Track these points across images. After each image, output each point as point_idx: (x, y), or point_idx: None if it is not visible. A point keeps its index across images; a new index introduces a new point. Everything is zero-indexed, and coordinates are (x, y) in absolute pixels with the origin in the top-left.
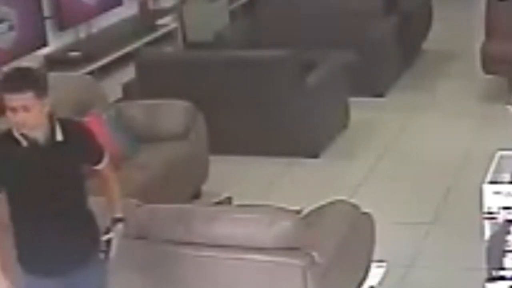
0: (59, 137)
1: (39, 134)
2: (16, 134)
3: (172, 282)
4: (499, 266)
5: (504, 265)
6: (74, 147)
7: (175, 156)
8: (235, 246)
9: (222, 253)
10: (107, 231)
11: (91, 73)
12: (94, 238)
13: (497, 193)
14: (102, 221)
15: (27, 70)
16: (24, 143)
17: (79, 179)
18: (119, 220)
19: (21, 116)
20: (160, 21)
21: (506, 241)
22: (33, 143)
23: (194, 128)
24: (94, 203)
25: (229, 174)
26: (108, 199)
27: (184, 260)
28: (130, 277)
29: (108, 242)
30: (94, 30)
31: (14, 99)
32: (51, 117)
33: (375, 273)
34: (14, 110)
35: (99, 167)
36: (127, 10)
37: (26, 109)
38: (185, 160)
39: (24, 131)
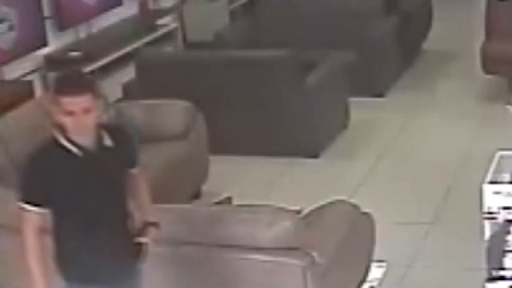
0: (107, 141)
1: (89, 140)
2: (65, 142)
3: (172, 282)
4: (499, 266)
5: (504, 265)
6: (121, 151)
7: (175, 156)
8: (235, 246)
9: (222, 253)
10: (139, 235)
11: (91, 73)
12: (135, 243)
13: (497, 193)
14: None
15: (81, 73)
16: (76, 150)
17: (125, 184)
18: (152, 224)
19: (81, 119)
20: (160, 21)
21: (506, 241)
22: (84, 150)
23: (194, 128)
24: None
25: (229, 174)
26: (139, 202)
27: (184, 260)
28: None
29: (141, 246)
30: (94, 30)
31: (74, 102)
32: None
33: (375, 273)
34: (72, 113)
35: (134, 170)
36: (127, 10)
37: (86, 111)
38: (185, 160)
39: (78, 137)
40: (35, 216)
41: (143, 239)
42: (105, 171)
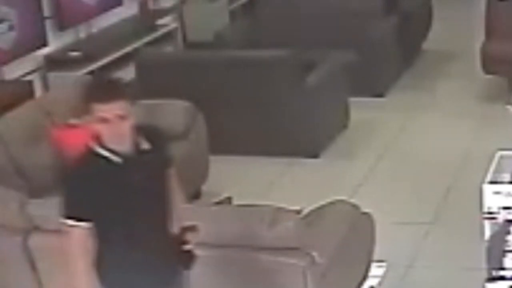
0: (144, 145)
1: (127, 146)
2: (103, 151)
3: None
4: (499, 266)
5: (504, 265)
6: (159, 152)
7: (175, 156)
8: (235, 246)
9: (222, 253)
10: (179, 241)
11: (91, 73)
12: (179, 251)
13: (497, 193)
14: None
15: (113, 78)
16: (115, 158)
17: (166, 187)
18: (190, 228)
19: (116, 126)
20: (160, 21)
21: (506, 241)
22: (124, 156)
23: (194, 128)
24: None
25: (229, 174)
26: (175, 206)
27: None
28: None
29: (185, 254)
30: (94, 30)
31: (109, 109)
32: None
33: (375, 273)
34: (106, 121)
35: (170, 171)
36: (127, 10)
37: (121, 117)
38: (185, 160)
39: (115, 144)
40: (82, 231)
41: (186, 246)
42: (147, 176)
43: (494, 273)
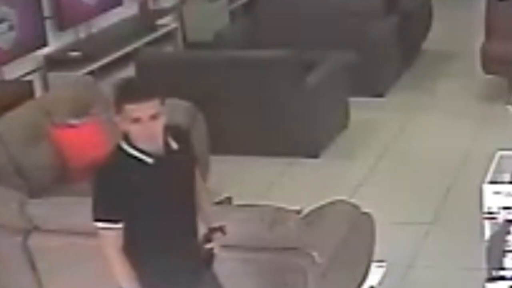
0: (173, 145)
1: (157, 146)
2: (134, 151)
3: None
4: (499, 266)
5: (504, 265)
6: (186, 151)
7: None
8: (235, 246)
9: (222, 253)
10: (206, 240)
11: (91, 73)
12: (205, 250)
13: (497, 193)
14: None
15: (143, 80)
16: (147, 159)
17: (194, 186)
18: (218, 229)
19: (148, 126)
20: (160, 21)
21: (506, 241)
22: (155, 156)
23: (194, 128)
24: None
25: (229, 174)
26: (201, 207)
27: None
28: None
29: (207, 251)
30: (94, 30)
31: (141, 109)
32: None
33: (375, 273)
34: (138, 121)
35: (196, 172)
36: (127, 10)
37: (154, 117)
38: None
39: (146, 144)
40: (116, 233)
41: (210, 245)
42: (178, 176)
43: (494, 273)
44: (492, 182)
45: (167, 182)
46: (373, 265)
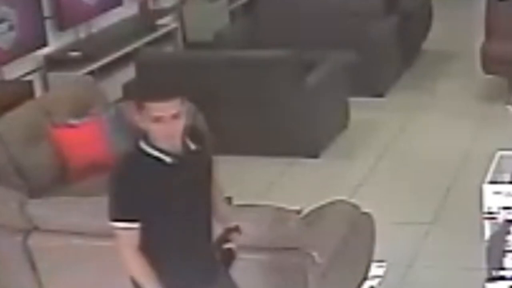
0: (191, 145)
1: (177, 146)
2: (153, 150)
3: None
4: (499, 266)
5: (504, 265)
6: (204, 152)
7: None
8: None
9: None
10: (222, 240)
11: (91, 73)
12: (223, 250)
13: (497, 193)
14: None
15: (165, 80)
16: (166, 158)
17: (211, 187)
18: (233, 229)
19: (169, 126)
20: (160, 21)
21: (506, 241)
22: (174, 156)
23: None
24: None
25: (229, 174)
26: (217, 207)
27: None
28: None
29: (227, 252)
30: (94, 30)
31: (163, 107)
32: None
33: (375, 273)
34: (159, 120)
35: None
36: (127, 10)
37: (175, 116)
38: None
39: (165, 144)
40: (133, 233)
41: (229, 245)
42: (196, 177)
43: (494, 273)
44: (492, 182)
45: (184, 181)
46: (373, 265)
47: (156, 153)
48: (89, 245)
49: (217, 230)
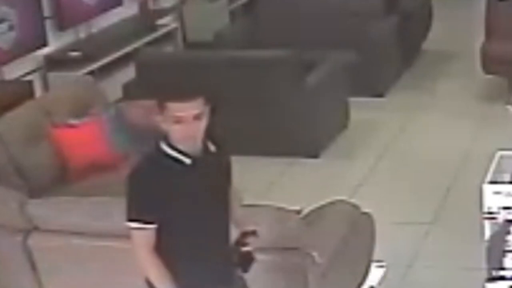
0: (211, 147)
1: (197, 148)
2: (172, 151)
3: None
4: (499, 266)
5: (504, 265)
6: (225, 155)
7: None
8: None
9: None
10: (240, 244)
11: (91, 73)
12: (240, 253)
13: (497, 193)
14: None
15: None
16: (186, 160)
17: (228, 190)
18: (250, 233)
19: (191, 127)
20: (160, 21)
21: (506, 241)
22: (194, 158)
23: None
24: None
25: None
26: (233, 210)
27: None
28: (130, 277)
29: (245, 255)
30: (94, 30)
31: (185, 108)
32: None
33: (375, 273)
34: (181, 120)
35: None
36: (127, 10)
37: (197, 117)
38: None
39: (185, 145)
40: (149, 234)
41: (247, 248)
42: (214, 179)
43: (494, 273)
44: (492, 182)
45: (203, 183)
46: (373, 265)
47: (176, 154)
48: (89, 245)
49: (233, 232)
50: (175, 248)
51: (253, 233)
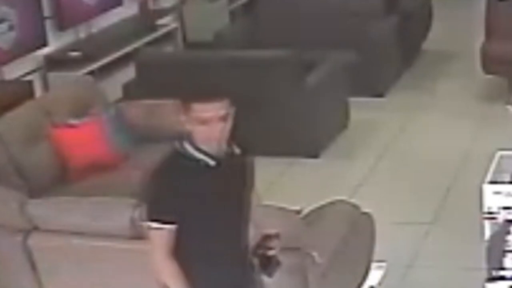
0: (236, 149)
1: (221, 149)
2: (196, 152)
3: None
4: (499, 266)
5: (504, 265)
6: (249, 158)
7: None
8: None
9: None
10: (262, 247)
11: (91, 73)
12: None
13: (497, 193)
14: None
15: (212, 81)
16: (209, 161)
17: (250, 193)
18: (273, 236)
19: (217, 128)
20: (160, 21)
21: (506, 241)
22: (217, 159)
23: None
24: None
25: None
26: (254, 212)
27: None
28: (130, 277)
29: (270, 259)
30: (94, 30)
31: (210, 110)
32: None
33: (375, 273)
34: (206, 121)
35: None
36: (127, 10)
37: (222, 119)
38: None
39: (209, 146)
40: (168, 234)
41: (272, 252)
42: (237, 182)
43: (494, 273)
44: (492, 182)
45: (226, 185)
46: (373, 265)
47: (200, 155)
48: (89, 245)
49: (251, 235)
50: (193, 251)
51: (276, 236)
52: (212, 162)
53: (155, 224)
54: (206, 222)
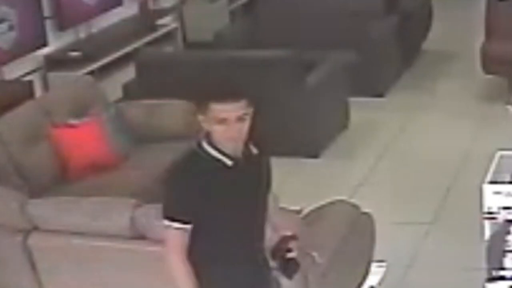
0: (253, 150)
1: (239, 149)
2: (214, 152)
3: (172, 283)
4: (499, 266)
5: (504, 265)
6: (266, 158)
7: (175, 157)
8: None
9: None
10: (281, 249)
11: (91, 73)
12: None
13: (497, 193)
14: None
15: (231, 78)
16: (227, 161)
17: (267, 194)
18: (291, 237)
19: (235, 128)
20: (160, 21)
21: (506, 241)
22: (235, 159)
23: (194, 128)
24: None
25: None
26: (271, 214)
27: None
28: (130, 277)
29: (290, 261)
30: (94, 30)
31: (229, 109)
32: None
33: (375, 273)
34: (224, 121)
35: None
36: (127, 10)
37: (241, 119)
38: None
39: (227, 146)
40: (184, 234)
41: (292, 255)
42: (255, 182)
43: (494, 273)
44: (492, 182)
45: (243, 186)
46: (373, 265)
47: (217, 155)
48: (89, 245)
49: (272, 237)
50: (208, 251)
51: (293, 237)
52: (229, 162)
53: (174, 224)
54: (221, 222)
